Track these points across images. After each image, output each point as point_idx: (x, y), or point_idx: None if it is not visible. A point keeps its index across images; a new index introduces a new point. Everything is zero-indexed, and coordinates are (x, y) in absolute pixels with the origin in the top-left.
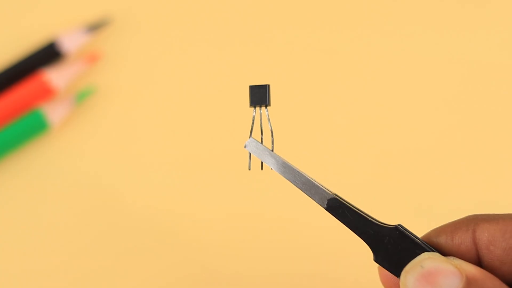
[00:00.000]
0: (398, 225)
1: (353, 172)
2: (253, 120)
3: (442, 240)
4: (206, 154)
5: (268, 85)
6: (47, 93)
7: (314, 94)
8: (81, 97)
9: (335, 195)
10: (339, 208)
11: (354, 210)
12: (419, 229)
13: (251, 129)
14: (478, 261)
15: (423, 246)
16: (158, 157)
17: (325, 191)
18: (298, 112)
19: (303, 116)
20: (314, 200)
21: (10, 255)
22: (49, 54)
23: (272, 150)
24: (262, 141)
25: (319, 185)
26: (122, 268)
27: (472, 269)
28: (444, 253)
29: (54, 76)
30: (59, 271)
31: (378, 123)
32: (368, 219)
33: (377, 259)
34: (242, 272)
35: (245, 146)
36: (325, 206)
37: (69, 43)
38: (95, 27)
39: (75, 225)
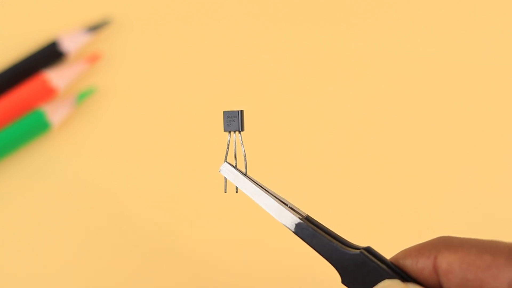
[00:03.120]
0: (366, 248)
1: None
2: (228, 144)
3: (408, 263)
4: (206, 154)
5: (241, 111)
6: (47, 93)
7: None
8: (82, 97)
9: (306, 218)
10: (306, 233)
11: (320, 235)
12: (418, 229)
13: (226, 153)
14: (440, 287)
15: (387, 270)
16: (158, 157)
17: (293, 216)
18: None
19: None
20: (284, 224)
21: (10, 255)
22: (49, 55)
23: (246, 173)
24: (236, 164)
25: (288, 210)
26: (122, 267)
27: None
28: (409, 275)
29: (54, 76)
30: (59, 271)
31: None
32: (333, 244)
33: (344, 282)
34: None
35: (220, 171)
36: (293, 230)
37: (70, 43)
38: (95, 28)
39: (75, 225)
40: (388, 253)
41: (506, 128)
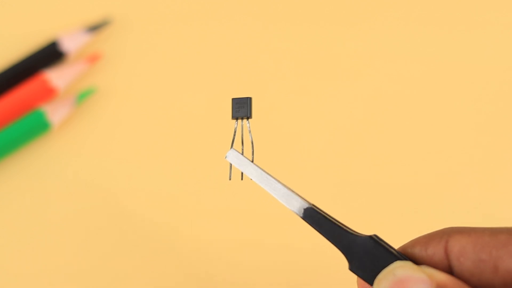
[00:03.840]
0: (373, 235)
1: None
2: (235, 132)
3: (416, 251)
4: (206, 153)
5: (250, 98)
6: (47, 93)
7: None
8: (82, 97)
9: (313, 205)
10: (315, 218)
11: (329, 220)
12: (418, 229)
13: (233, 140)
14: (451, 272)
15: (397, 255)
16: (158, 157)
17: (302, 201)
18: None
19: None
20: (292, 210)
21: (10, 255)
22: (49, 55)
23: (252, 161)
24: (242, 152)
25: (297, 195)
26: (122, 267)
27: (443, 277)
28: (418, 263)
29: (54, 76)
30: (59, 271)
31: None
32: (342, 229)
33: (351, 268)
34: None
35: (226, 157)
36: (302, 215)
37: (70, 43)
38: (95, 28)
39: (75, 225)
40: None
41: (506, 128)
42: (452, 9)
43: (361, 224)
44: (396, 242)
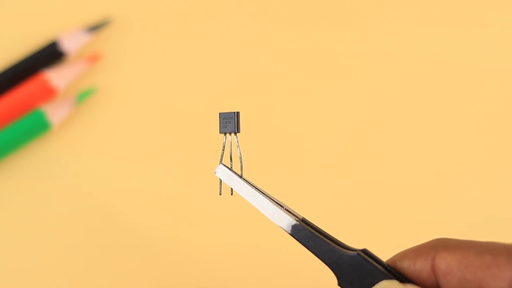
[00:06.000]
0: (362, 250)
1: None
2: (224, 146)
3: (405, 265)
4: (206, 154)
5: (237, 112)
6: (47, 93)
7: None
8: (82, 97)
9: (302, 220)
10: (302, 234)
11: (317, 237)
12: (418, 230)
13: (222, 155)
14: None
15: (384, 272)
16: (157, 158)
17: (289, 217)
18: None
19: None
20: (280, 226)
21: (10, 255)
22: (49, 55)
23: (241, 175)
24: (231, 166)
25: (284, 212)
26: (121, 268)
27: None
28: (407, 277)
29: (54, 76)
30: (59, 271)
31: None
32: (330, 245)
33: (340, 284)
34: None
35: (215, 172)
36: (290, 231)
37: (70, 43)
38: (95, 28)
39: (75, 225)
40: (387, 253)
41: (506, 128)
42: (452, 9)
43: (360, 224)
44: (395, 242)
